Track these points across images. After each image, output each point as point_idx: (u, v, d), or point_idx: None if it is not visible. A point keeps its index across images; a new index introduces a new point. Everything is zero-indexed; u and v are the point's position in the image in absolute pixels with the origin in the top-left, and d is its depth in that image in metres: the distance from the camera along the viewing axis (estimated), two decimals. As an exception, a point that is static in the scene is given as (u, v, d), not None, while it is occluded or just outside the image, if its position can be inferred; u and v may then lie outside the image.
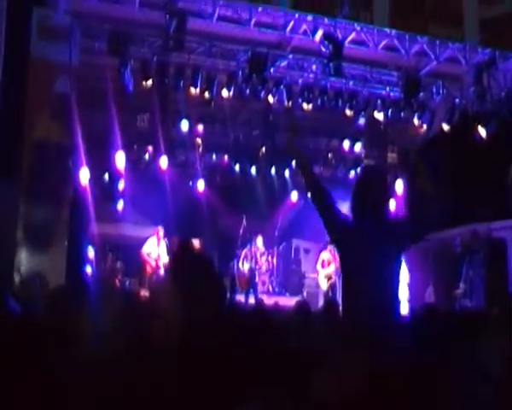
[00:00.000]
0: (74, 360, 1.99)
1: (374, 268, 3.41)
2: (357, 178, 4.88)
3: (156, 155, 12.69)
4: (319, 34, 10.61)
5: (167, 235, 12.18)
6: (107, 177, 12.55)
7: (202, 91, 10.83)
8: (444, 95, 12.10)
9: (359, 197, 3.61)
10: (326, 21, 10.62)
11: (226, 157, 13.89)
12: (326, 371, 2.01)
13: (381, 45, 11.06)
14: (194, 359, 2.00)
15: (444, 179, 11.20)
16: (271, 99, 11.26)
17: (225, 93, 10.98)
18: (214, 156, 13.95)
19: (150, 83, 10.47)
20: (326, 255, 12.78)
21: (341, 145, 13.79)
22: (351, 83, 11.79)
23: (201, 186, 13.65)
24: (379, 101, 11.84)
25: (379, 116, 12.01)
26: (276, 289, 13.57)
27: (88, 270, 11.03)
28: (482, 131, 11.60)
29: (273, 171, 14.14)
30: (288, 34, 10.87)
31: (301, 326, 3.71)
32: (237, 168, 13.94)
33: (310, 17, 10.59)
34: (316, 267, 13.19)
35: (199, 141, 13.28)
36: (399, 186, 13.49)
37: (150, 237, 12.15)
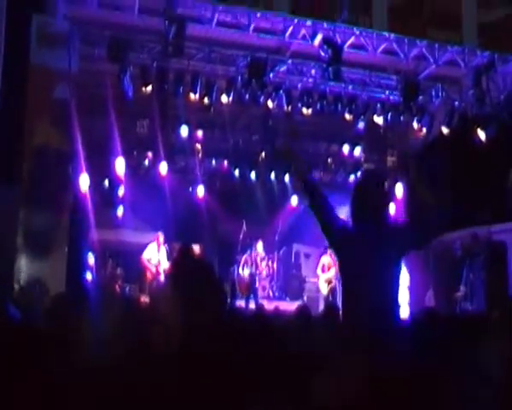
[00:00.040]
0: (74, 367, 1.99)
1: (373, 272, 3.42)
2: (356, 182, 4.89)
3: (156, 161, 12.70)
4: (318, 39, 10.63)
5: (167, 241, 12.18)
6: (106, 183, 12.56)
7: (202, 97, 10.85)
8: (443, 98, 12.12)
9: (359, 201, 3.61)
10: (325, 26, 10.63)
11: (226, 162, 13.90)
12: (326, 375, 2.01)
13: (380, 49, 11.08)
14: (194, 364, 2.00)
15: (443, 183, 11.25)
16: (271, 104, 11.28)
17: (225, 98, 11.00)
18: (214, 162, 13.96)
19: (150, 89, 10.49)
20: (326, 260, 12.78)
21: (341, 149, 13.80)
22: (350, 87, 11.82)
23: (201, 192, 13.65)
24: (378, 105, 11.87)
25: (378, 120, 12.03)
26: (277, 293, 13.57)
27: (88, 276, 11.03)
28: (482, 134, 11.61)
29: (273, 176, 14.15)
30: (288, 39, 10.88)
31: (302, 331, 3.71)
32: (237, 173, 13.94)
33: (309, 22, 10.60)
34: (316, 272, 13.19)
35: (198, 146, 13.29)
36: (399, 190, 13.49)
37: (150, 243, 12.15)
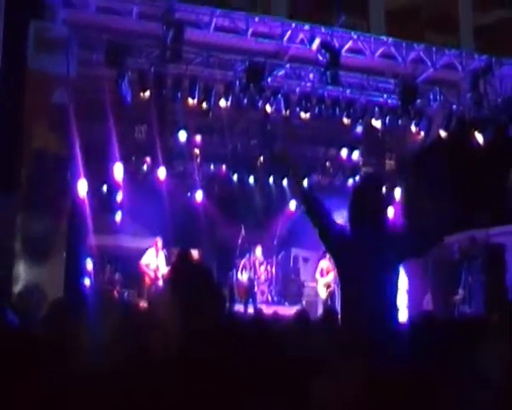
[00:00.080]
0: (73, 373, 1.98)
1: (372, 276, 3.42)
2: (354, 186, 4.90)
3: (154, 166, 12.70)
4: (316, 43, 10.66)
5: (166, 246, 12.17)
6: (105, 188, 12.55)
7: (200, 102, 10.86)
8: (441, 101, 12.13)
9: (357, 206, 3.61)
10: (323, 30, 10.66)
11: (224, 167, 13.89)
12: (325, 379, 2.01)
13: (378, 53, 11.11)
14: (193, 369, 2.00)
15: (441, 186, 11.25)
16: (269, 108, 11.30)
17: (223, 103, 11.01)
18: (212, 166, 13.96)
19: (148, 94, 10.50)
20: (325, 264, 12.76)
21: (339, 153, 13.80)
22: (348, 91, 11.83)
23: (200, 196, 13.65)
24: (376, 108, 11.88)
25: (376, 124, 12.04)
26: (275, 298, 13.54)
27: (86, 282, 11.01)
28: (479, 137, 11.63)
29: (271, 180, 14.14)
30: (286, 43, 10.91)
31: (300, 335, 3.70)
32: (235, 178, 13.93)
33: (307, 26, 10.63)
34: (315, 276, 13.18)
35: (197, 151, 13.29)
36: (398, 194, 13.50)
37: (149, 249, 12.14)
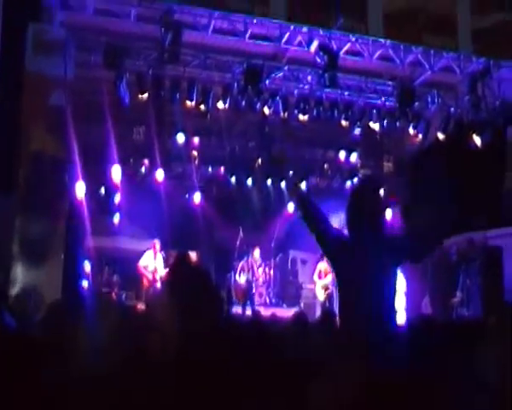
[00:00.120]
0: (71, 375, 1.98)
1: (370, 278, 3.41)
2: (352, 188, 4.91)
3: (152, 168, 12.69)
4: (314, 45, 10.67)
5: (164, 248, 12.16)
6: (103, 190, 12.54)
7: (198, 104, 10.86)
8: (439, 104, 12.15)
9: (355, 208, 3.61)
10: (321, 33, 10.67)
11: (222, 169, 13.89)
12: (323, 381, 2.01)
13: (376, 55, 11.13)
14: (191, 371, 1.99)
15: (439, 188, 11.26)
16: (267, 110, 11.29)
17: (221, 105, 11.02)
18: (210, 168, 13.95)
19: (146, 96, 10.49)
20: (323, 266, 12.76)
21: (337, 156, 13.81)
22: (346, 93, 11.85)
23: (198, 198, 13.64)
24: (374, 111, 11.90)
25: (374, 126, 12.05)
26: (273, 300, 13.53)
27: (84, 284, 10.99)
28: (477, 139, 11.65)
29: (269, 182, 14.14)
30: (284, 46, 10.93)
31: (298, 337, 3.70)
32: (233, 180, 13.93)
33: (305, 29, 10.65)
34: (313, 278, 13.17)
35: (195, 153, 13.28)
36: (396, 196, 13.50)
37: (147, 251, 12.13)
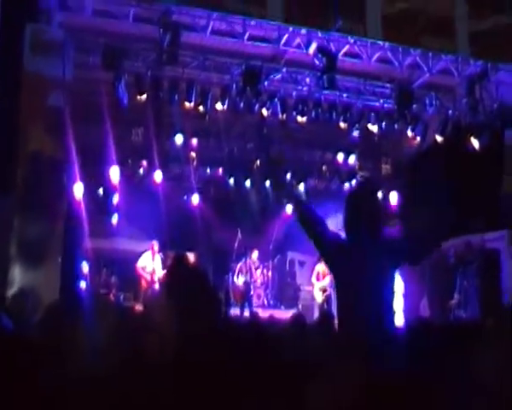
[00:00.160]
0: (69, 376, 1.97)
1: (368, 280, 3.42)
2: (349, 191, 4.92)
3: (151, 169, 12.69)
4: (313, 47, 10.67)
5: (162, 249, 12.16)
6: (101, 191, 12.53)
7: (196, 105, 10.86)
8: (437, 106, 12.17)
9: (352, 210, 3.62)
10: (319, 34, 10.68)
11: (221, 170, 13.89)
12: (321, 383, 2.01)
13: (375, 58, 11.13)
14: (188, 373, 1.99)
15: (437, 191, 11.27)
16: (265, 112, 11.30)
17: (219, 106, 11.02)
18: (209, 170, 13.94)
19: (144, 97, 10.50)
20: (321, 268, 12.76)
21: (335, 158, 13.81)
22: (344, 95, 11.86)
23: (196, 200, 13.64)
24: (372, 113, 11.90)
25: (373, 128, 12.06)
26: (271, 302, 13.54)
27: (82, 285, 10.98)
28: (475, 142, 11.67)
29: (267, 183, 14.14)
30: (282, 47, 10.92)
31: (296, 339, 3.70)
32: (232, 181, 13.93)
33: (303, 30, 10.66)
34: (311, 280, 13.18)
35: (193, 154, 13.28)
36: (394, 198, 13.52)
37: (145, 252, 12.12)
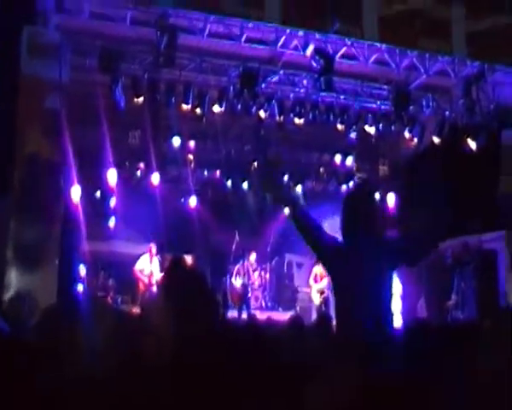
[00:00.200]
0: (66, 379, 1.97)
1: (366, 282, 3.42)
2: (347, 193, 4.93)
3: (148, 172, 12.68)
4: (310, 49, 10.69)
5: (160, 251, 12.14)
6: (98, 194, 12.52)
7: (194, 107, 10.86)
8: (433, 108, 12.19)
9: (350, 212, 3.62)
10: (317, 36, 10.69)
11: (218, 172, 13.89)
12: (319, 385, 2.01)
13: (372, 59, 11.15)
14: (186, 375, 1.99)
15: (434, 192, 11.28)
16: (263, 114, 11.31)
17: (217, 109, 11.02)
18: (206, 172, 13.95)
19: (142, 99, 10.49)
20: (318, 270, 12.76)
21: (333, 159, 13.83)
22: (342, 97, 11.87)
23: (193, 202, 13.63)
24: (370, 115, 11.92)
25: (370, 130, 12.07)
26: (269, 304, 13.54)
27: (79, 288, 10.96)
28: (472, 143, 11.69)
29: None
30: (279, 49, 10.93)
31: (294, 340, 3.70)
32: (229, 183, 13.92)
33: (301, 32, 10.67)
34: (308, 282, 13.18)
35: (190, 157, 13.28)
36: (391, 199, 13.54)
37: (143, 254, 12.11)
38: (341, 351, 2.75)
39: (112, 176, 11.93)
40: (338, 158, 13.73)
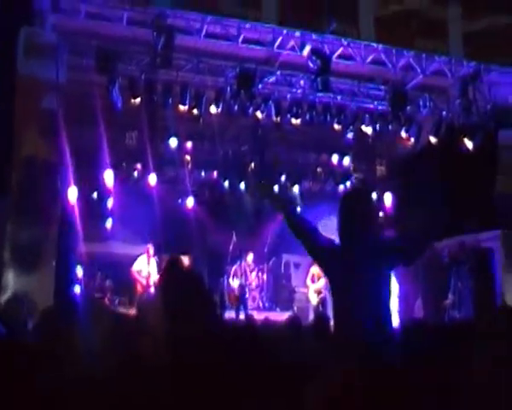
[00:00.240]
0: (65, 381, 1.97)
1: (363, 282, 3.42)
2: (343, 194, 4.93)
3: (145, 173, 12.67)
4: (307, 50, 10.69)
5: (157, 252, 12.12)
6: (95, 195, 12.50)
7: (191, 108, 10.86)
8: (430, 108, 12.21)
9: (347, 212, 3.62)
10: (313, 37, 10.70)
11: (215, 173, 13.89)
12: (317, 384, 2.01)
13: (369, 60, 11.17)
14: (184, 376, 1.99)
15: (431, 192, 11.30)
16: (260, 115, 11.31)
17: (214, 109, 11.02)
18: (203, 173, 13.95)
19: (139, 100, 10.48)
20: (316, 270, 12.74)
21: (330, 159, 13.85)
22: (339, 97, 11.89)
23: (191, 203, 13.62)
24: (367, 115, 11.94)
25: (367, 130, 12.09)
26: (267, 304, 13.52)
27: (76, 289, 10.93)
28: (468, 143, 11.71)
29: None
30: (276, 50, 10.94)
31: (292, 341, 3.71)
32: (226, 184, 13.92)
33: (297, 33, 10.67)
34: (306, 282, 13.18)
35: (188, 158, 13.27)
36: (388, 199, 13.56)
37: (140, 255, 12.09)
38: (340, 351, 2.75)
39: (109, 177, 11.92)
40: (335, 158, 13.74)
